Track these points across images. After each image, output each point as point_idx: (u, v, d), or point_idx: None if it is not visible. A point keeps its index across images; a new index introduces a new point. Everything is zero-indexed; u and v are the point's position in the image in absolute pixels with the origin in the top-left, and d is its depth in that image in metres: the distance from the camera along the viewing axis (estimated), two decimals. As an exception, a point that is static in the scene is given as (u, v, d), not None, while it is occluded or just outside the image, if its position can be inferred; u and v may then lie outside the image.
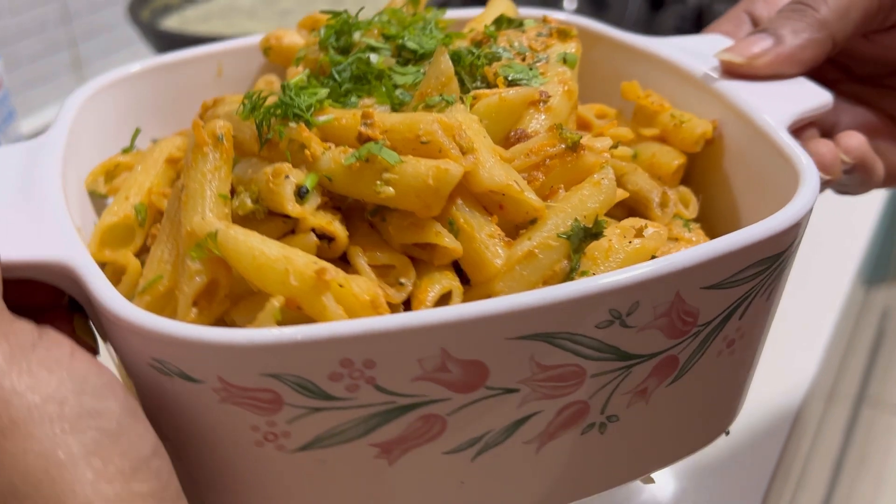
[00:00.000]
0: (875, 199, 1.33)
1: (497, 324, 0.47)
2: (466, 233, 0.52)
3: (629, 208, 0.64)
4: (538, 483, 0.55)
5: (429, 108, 0.57)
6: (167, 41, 1.33)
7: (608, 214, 0.62)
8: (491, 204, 0.53)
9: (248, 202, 0.54)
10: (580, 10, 1.74)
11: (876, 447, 1.92)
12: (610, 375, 0.52)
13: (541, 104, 0.59)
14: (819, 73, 0.68)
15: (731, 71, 0.67)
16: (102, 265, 0.59)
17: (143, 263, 0.58)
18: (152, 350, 0.48)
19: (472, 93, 0.58)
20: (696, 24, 1.67)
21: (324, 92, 0.57)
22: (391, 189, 0.51)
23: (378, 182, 0.51)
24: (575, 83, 0.62)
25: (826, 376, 1.14)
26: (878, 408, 1.99)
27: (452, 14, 0.71)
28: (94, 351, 0.54)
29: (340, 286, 0.49)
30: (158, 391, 0.50)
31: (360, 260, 0.52)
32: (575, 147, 0.56)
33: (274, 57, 0.75)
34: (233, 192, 0.56)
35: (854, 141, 0.66)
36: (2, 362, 0.45)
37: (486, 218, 0.53)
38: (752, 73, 0.67)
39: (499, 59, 0.61)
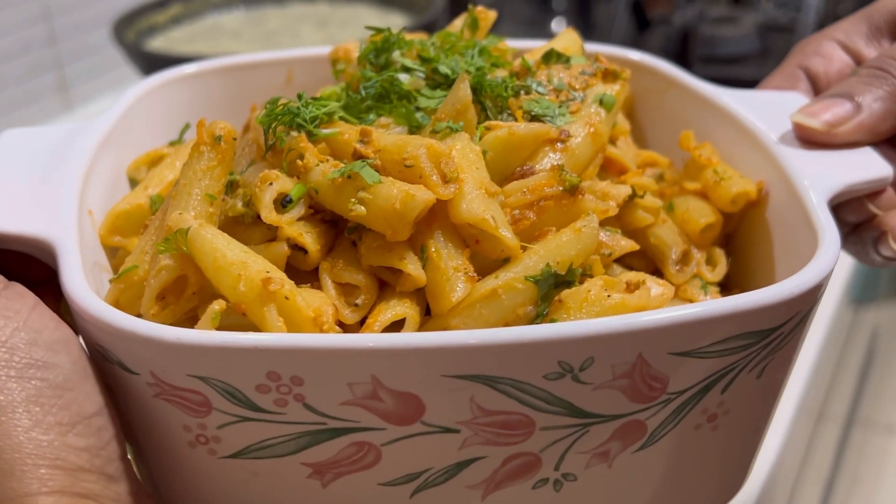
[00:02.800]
0: None
1: (431, 358, 0.46)
2: (434, 262, 0.51)
3: (651, 262, 0.61)
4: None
5: (434, 133, 0.55)
6: (152, 62, 1.33)
7: (626, 264, 0.60)
8: (469, 237, 0.52)
9: (239, 205, 0.55)
10: None
11: (868, 468, 1.84)
12: (563, 431, 0.50)
13: (558, 143, 0.57)
14: None
15: (805, 135, 0.63)
16: (115, 249, 0.61)
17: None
18: (96, 336, 0.49)
19: (486, 123, 0.57)
20: (682, 45, 1.64)
21: (334, 105, 0.57)
22: (362, 208, 0.50)
23: (352, 200, 0.51)
24: (605, 126, 0.60)
25: (815, 396, 1.10)
26: (869, 428, 1.91)
27: (515, 44, 0.69)
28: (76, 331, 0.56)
29: (286, 298, 0.48)
30: (105, 377, 0.51)
31: (325, 276, 0.52)
32: (573, 190, 0.53)
33: (342, 74, 0.75)
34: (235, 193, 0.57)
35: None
36: None
37: (459, 251, 0.51)
38: (829, 140, 0.62)
39: (529, 92, 0.60)
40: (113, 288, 0.54)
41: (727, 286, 0.63)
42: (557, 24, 1.81)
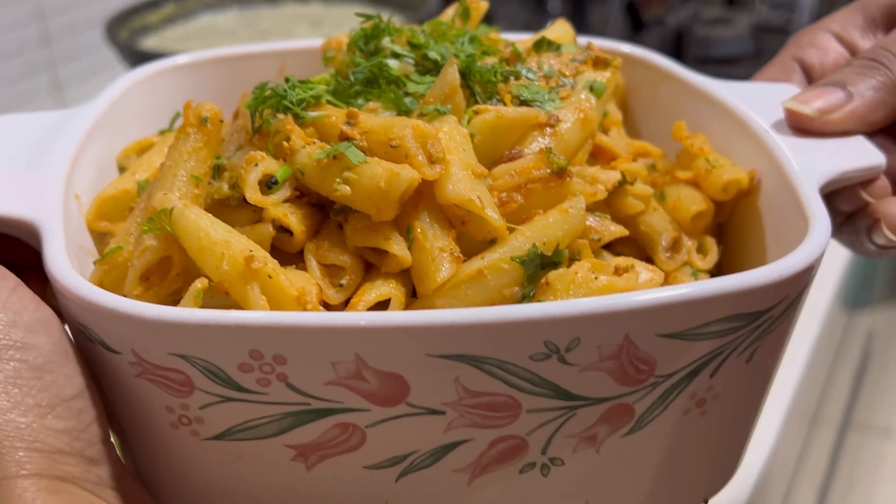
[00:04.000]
0: None
1: (416, 337, 0.45)
2: (419, 243, 0.50)
3: (642, 248, 0.60)
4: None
5: (422, 115, 0.55)
6: (145, 61, 1.34)
7: (616, 252, 0.59)
8: (455, 218, 0.51)
9: (225, 187, 0.54)
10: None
11: (863, 472, 1.84)
12: (550, 413, 0.49)
13: (547, 128, 0.57)
14: None
15: (797, 123, 0.62)
16: (102, 235, 0.61)
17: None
18: (78, 316, 0.48)
19: (474, 107, 0.56)
20: (677, 46, 1.65)
21: (321, 88, 0.56)
22: (347, 188, 0.50)
23: (337, 180, 0.50)
24: (595, 112, 0.59)
25: (810, 399, 1.09)
26: (865, 432, 1.91)
27: (507, 36, 0.69)
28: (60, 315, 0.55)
29: (269, 277, 0.48)
30: (87, 358, 0.50)
31: (310, 256, 0.51)
32: (561, 173, 0.53)
33: (333, 62, 0.75)
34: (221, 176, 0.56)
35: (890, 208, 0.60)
36: None
37: (445, 232, 0.51)
38: (821, 128, 0.62)
39: (518, 77, 0.59)
40: (97, 269, 0.53)
41: (718, 275, 0.62)
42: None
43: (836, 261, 1.19)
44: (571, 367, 0.47)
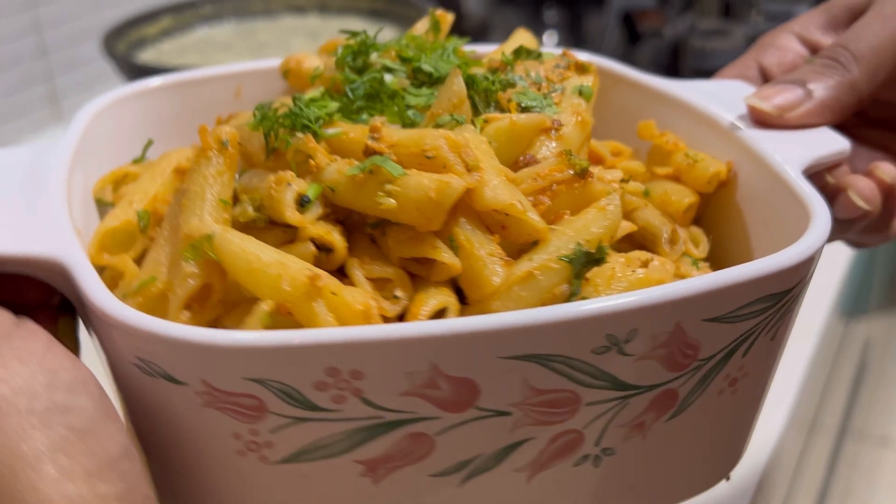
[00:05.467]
0: None
1: (490, 341, 0.46)
2: (466, 250, 0.51)
3: (638, 244, 0.63)
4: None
5: (438, 126, 0.56)
6: (142, 75, 1.33)
7: (615, 248, 0.62)
8: (493, 224, 0.53)
9: (250, 210, 0.54)
10: (560, 44, 1.79)
11: (861, 480, 1.89)
12: (606, 405, 0.51)
13: (552, 132, 0.59)
14: None
15: (758, 118, 0.66)
16: (101, 269, 0.59)
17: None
18: (137, 349, 0.47)
19: (483, 116, 0.58)
20: (673, 57, 1.69)
21: (334, 105, 0.57)
22: (393, 201, 0.50)
23: (380, 193, 0.51)
24: (589, 115, 0.62)
25: (806, 407, 1.12)
26: (862, 440, 1.96)
27: (472, 47, 0.71)
28: (77, 353, 0.53)
29: (333, 294, 0.48)
30: (142, 392, 0.49)
31: (357, 271, 0.51)
32: (583, 174, 0.55)
33: (293, 80, 0.75)
34: (236, 201, 0.56)
35: (865, 183, 0.64)
36: None
37: (488, 237, 0.52)
38: (779, 123, 0.66)
39: (513, 85, 0.61)
40: (130, 301, 0.52)
41: (707, 261, 0.65)
42: (549, 37, 1.83)
43: (834, 270, 1.22)
44: (628, 357, 0.49)
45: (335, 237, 0.52)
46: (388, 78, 0.61)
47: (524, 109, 0.59)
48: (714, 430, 0.57)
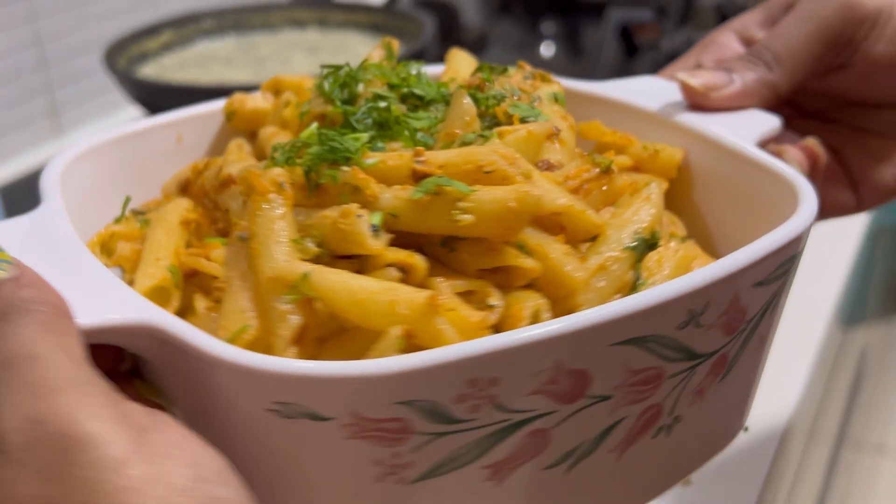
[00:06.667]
0: (851, 239, 1.38)
1: (606, 330, 0.50)
2: (540, 253, 0.54)
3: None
4: (616, 492, 0.57)
5: (465, 144, 0.59)
6: (144, 89, 1.34)
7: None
8: (552, 226, 0.56)
9: (312, 247, 0.54)
10: (557, 58, 1.83)
11: (857, 488, 1.90)
12: (681, 376, 0.55)
13: (555, 137, 0.63)
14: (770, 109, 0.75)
15: (687, 96, 0.72)
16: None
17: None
18: (275, 394, 0.47)
19: (497, 129, 0.61)
20: None
21: (365, 136, 0.58)
22: (470, 216, 0.53)
23: (454, 212, 0.53)
24: (571, 119, 0.66)
25: (806, 416, 1.14)
26: (858, 449, 1.97)
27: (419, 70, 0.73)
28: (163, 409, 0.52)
29: (449, 310, 0.50)
30: (272, 439, 0.49)
31: (445, 288, 0.53)
32: (607, 171, 0.59)
33: (237, 121, 0.75)
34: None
35: (795, 151, 0.72)
36: (128, 449, 0.41)
37: (553, 238, 0.55)
38: (703, 102, 0.72)
39: (503, 99, 0.64)
40: (228, 353, 0.51)
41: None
42: (546, 49, 1.81)
43: (833, 280, 1.26)
44: (700, 329, 0.54)
45: (417, 258, 0.53)
46: (383, 105, 0.63)
47: (521, 120, 0.63)
48: (744, 384, 0.62)
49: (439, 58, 0.80)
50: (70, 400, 0.42)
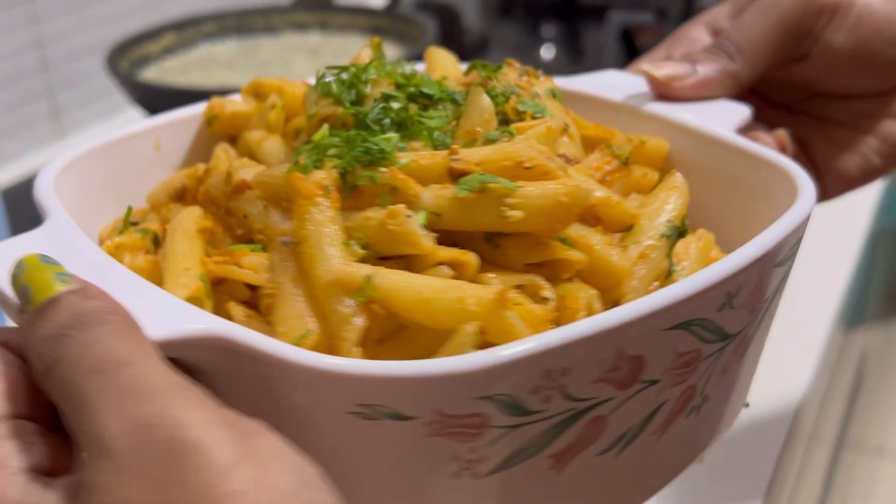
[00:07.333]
0: (852, 241, 1.40)
1: (662, 316, 0.52)
2: (584, 245, 0.56)
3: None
4: (654, 472, 0.59)
5: (490, 141, 0.60)
6: (146, 92, 1.34)
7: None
8: (589, 218, 0.57)
9: (358, 249, 0.54)
10: (557, 60, 1.83)
11: (858, 491, 1.92)
12: (713, 357, 0.58)
13: (565, 132, 0.64)
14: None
15: (653, 86, 0.75)
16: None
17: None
18: (360, 396, 0.47)
19: (513, 126, 0.62)
20: None
21: (395, 136, 0.58)
22: (519, 213, 0.54)
23: (503, 208, 0.54)
24: (572, 114, 0.68)
25: (807, 419, 1.15)
26: (859, 451, 1.97)
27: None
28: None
29: (517, 305, 0.51)
30: (351, 440, 0.49)
31: (496, 283, 0.54)
32: (626, 162, 0.61)
33: (217, 126, 0.74)
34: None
35: (766, 137, 0.76)
36: (235, 453, 0.41)
37: (593, 230, 0.57)
38: (667, 92, 0.75)
39: (510, 97, 0.66)
40: (291, 359, 0.51)
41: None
42: (547, 51, 1.76)
43: (835, 284, 1.27)
44: (733, 310, 0.57)
45: (470, 256, 0.54)
46: (395, 106, 0.63)
47: (533, 117, 0.64)
48: (753, 361, 0.65)
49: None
50: (173, 403, 0.41)
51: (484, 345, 0.50)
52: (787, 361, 1.12)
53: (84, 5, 1.72)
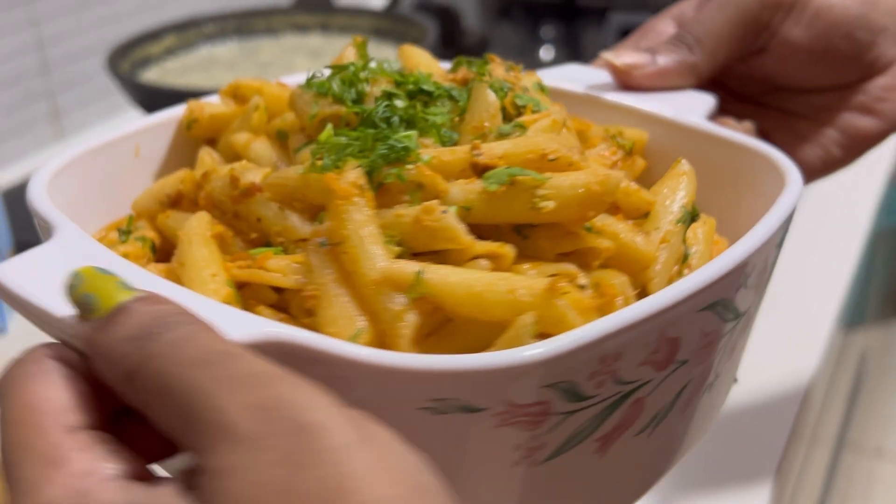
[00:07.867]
0: (852, 243, 1.41)
1: (697, 298, 0.54)
2: (610, 233, 0.57)
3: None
4: (676, 448, 0.62)
5: (502, 136, 0.61)
6: (146, 94, 1.33)
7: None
8: (609, 206, 0.59)
9: (392, 246, 0.55)
10: (557, 62, 1.80)
11: (857, 492, 1.93)
12: (727, 336, 0.60)
13: (563, 125, 0.66)
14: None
15: (614, 74, 0.77)
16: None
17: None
18: (433, 391, 0.48)
19: (518, 120, 0.63)
20: None
21: (414, 134, 0.59)
22: (551, 203, 0.55)
23: (535, 199, 0.55)
24: (563, 106, 0.69)
25: (808, 420, 1.16)
26: (858, 452, 1.98)
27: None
28: None
29: (566, 293, 0.52)
30: (422, 435, 0.49)
31: (533, 272, 0.55)
32: (630, 152, 0.63)
33: (198, 129, 0.73)
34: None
35: (733, 124, 0.79)
36: (355, 436, 0.40)
37: (616, 218, 0.58)
38: (626, 80, 0.78)
39: (507, 91, 0.67)
40: (346, 359, 0.51)
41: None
42: (546, 52, 1.70)
43: (835, 285, 1.27)
44: (746, 289, 0.59)
45: (507, 248, 0.55)
46: (398, 103, 0.63)
47: (533, 111, 0.65)
48: (747, 338, 0.68)
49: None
50: (290, 388, 0.41)
51: (539, 335, 0.51)
52: (787, 361, 1.15)
53: (84, 6, 1.72)
